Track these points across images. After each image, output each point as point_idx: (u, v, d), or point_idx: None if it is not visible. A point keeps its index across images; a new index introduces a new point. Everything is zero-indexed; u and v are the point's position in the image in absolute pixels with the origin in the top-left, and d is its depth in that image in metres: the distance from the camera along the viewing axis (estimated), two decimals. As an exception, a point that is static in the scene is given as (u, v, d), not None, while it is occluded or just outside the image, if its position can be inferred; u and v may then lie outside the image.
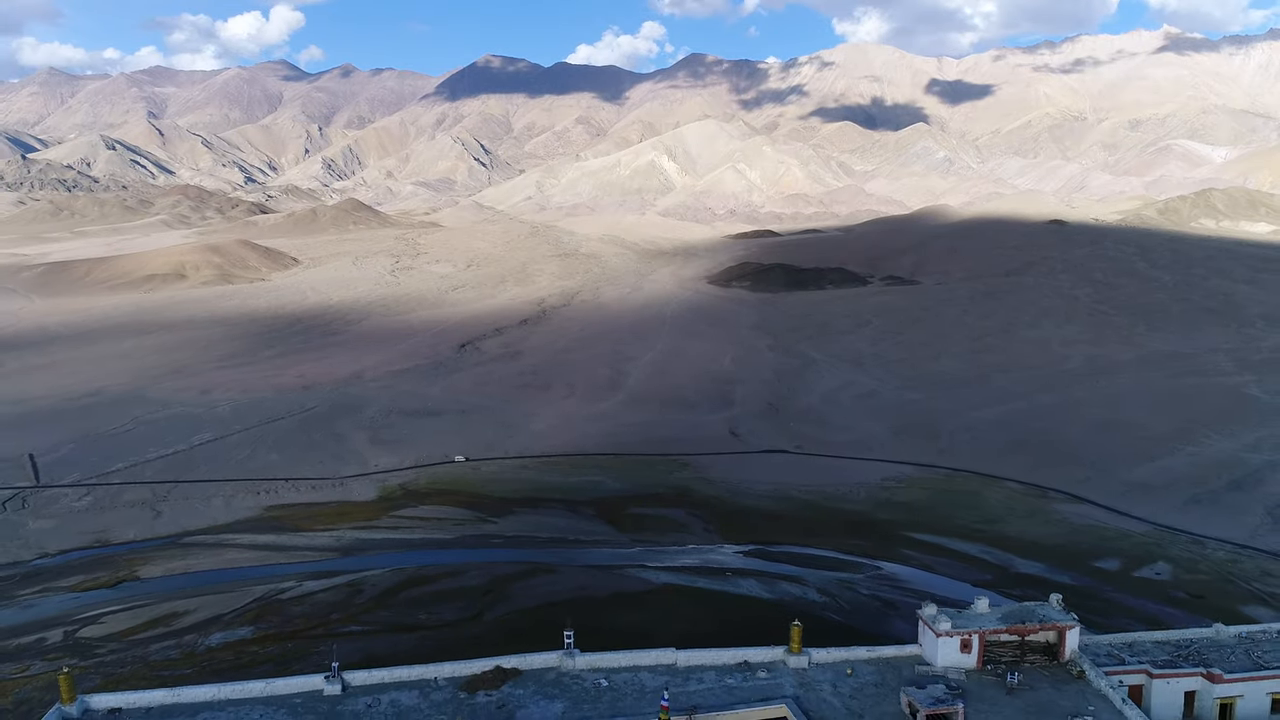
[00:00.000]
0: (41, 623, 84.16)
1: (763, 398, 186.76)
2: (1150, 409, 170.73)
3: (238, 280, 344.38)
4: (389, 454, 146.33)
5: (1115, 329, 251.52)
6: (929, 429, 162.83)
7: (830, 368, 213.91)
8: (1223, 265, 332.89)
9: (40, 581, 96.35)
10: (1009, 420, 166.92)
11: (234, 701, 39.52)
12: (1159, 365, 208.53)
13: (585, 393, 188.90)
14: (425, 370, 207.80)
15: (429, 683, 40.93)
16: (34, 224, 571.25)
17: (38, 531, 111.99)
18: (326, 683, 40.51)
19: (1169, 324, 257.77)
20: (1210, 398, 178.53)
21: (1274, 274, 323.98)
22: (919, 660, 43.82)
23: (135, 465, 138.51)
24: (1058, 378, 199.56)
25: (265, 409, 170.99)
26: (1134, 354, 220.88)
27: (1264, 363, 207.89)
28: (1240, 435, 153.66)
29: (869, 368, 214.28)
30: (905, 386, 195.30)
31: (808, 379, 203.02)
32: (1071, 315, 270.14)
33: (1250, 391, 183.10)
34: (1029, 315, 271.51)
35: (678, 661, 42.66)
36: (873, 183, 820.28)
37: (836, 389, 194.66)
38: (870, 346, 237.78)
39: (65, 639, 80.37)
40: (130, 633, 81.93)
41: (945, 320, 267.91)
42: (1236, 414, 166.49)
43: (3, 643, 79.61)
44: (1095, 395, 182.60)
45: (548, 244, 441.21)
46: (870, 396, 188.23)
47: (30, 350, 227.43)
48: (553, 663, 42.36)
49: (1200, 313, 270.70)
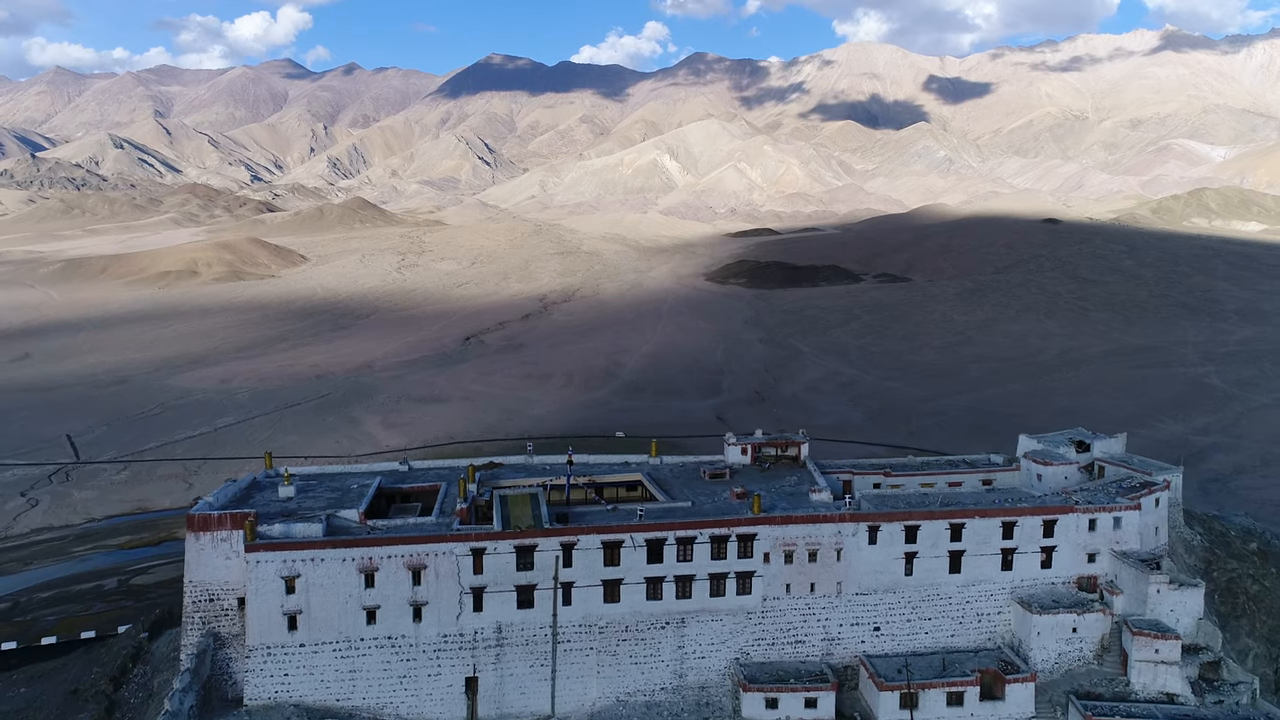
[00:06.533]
0: (98, 573, 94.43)
1: (750, 386, 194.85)
2: (1112, 396, 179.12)
3: (248, 277, 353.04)
4: (399, 436, 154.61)
5: (1092, 324, 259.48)
6: (903, 414, 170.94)
7: (816, 359, 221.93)
8: (1207, 263, 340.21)
9: (91, 541, 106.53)
10: (979, 407, 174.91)
11: (353, 474, 67.79)
12: (1127, 357, 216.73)
13: (583, 382, 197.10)
14: (432, 361, 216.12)
15: (459, 468, 68.21)
16: (46, 222, 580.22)
17: (83, 500, 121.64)
18: (401, 464, 70.03)
19: (1145, 319, 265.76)
20: (1170, 386, 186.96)
21: (1255, 271, 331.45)
22: (721, 460, 72.54)
23: (165, 445, 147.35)
24: (1031, 369, 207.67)
25: (282, 395, 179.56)
26: (1106, 347, 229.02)
27: (1228, 355, 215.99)
28: (1192, 420, 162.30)
29: (853, 359, 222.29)
30: (885, 376, 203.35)
31: (793, 370, 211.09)
32: (1052, 311, 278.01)
33: (1210, 381, 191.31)
34: (1012, 311, 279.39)
35: (590, 460, 71.73)
36: (873, 181, 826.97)
37: (820, 379, 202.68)
38: (856, 340, 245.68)
39: (120, 585, 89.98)
40: (174, 582, 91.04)
41: (931, 315, 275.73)
42: (1192, 401, 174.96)
43: (66, 588, 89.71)
44: (1063, 385, 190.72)
45: (550, 242, 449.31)
46: (851, 385, 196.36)
47: (55, 341, 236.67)
48: (521, 461, 71.30)
49: (1176, 308, 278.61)
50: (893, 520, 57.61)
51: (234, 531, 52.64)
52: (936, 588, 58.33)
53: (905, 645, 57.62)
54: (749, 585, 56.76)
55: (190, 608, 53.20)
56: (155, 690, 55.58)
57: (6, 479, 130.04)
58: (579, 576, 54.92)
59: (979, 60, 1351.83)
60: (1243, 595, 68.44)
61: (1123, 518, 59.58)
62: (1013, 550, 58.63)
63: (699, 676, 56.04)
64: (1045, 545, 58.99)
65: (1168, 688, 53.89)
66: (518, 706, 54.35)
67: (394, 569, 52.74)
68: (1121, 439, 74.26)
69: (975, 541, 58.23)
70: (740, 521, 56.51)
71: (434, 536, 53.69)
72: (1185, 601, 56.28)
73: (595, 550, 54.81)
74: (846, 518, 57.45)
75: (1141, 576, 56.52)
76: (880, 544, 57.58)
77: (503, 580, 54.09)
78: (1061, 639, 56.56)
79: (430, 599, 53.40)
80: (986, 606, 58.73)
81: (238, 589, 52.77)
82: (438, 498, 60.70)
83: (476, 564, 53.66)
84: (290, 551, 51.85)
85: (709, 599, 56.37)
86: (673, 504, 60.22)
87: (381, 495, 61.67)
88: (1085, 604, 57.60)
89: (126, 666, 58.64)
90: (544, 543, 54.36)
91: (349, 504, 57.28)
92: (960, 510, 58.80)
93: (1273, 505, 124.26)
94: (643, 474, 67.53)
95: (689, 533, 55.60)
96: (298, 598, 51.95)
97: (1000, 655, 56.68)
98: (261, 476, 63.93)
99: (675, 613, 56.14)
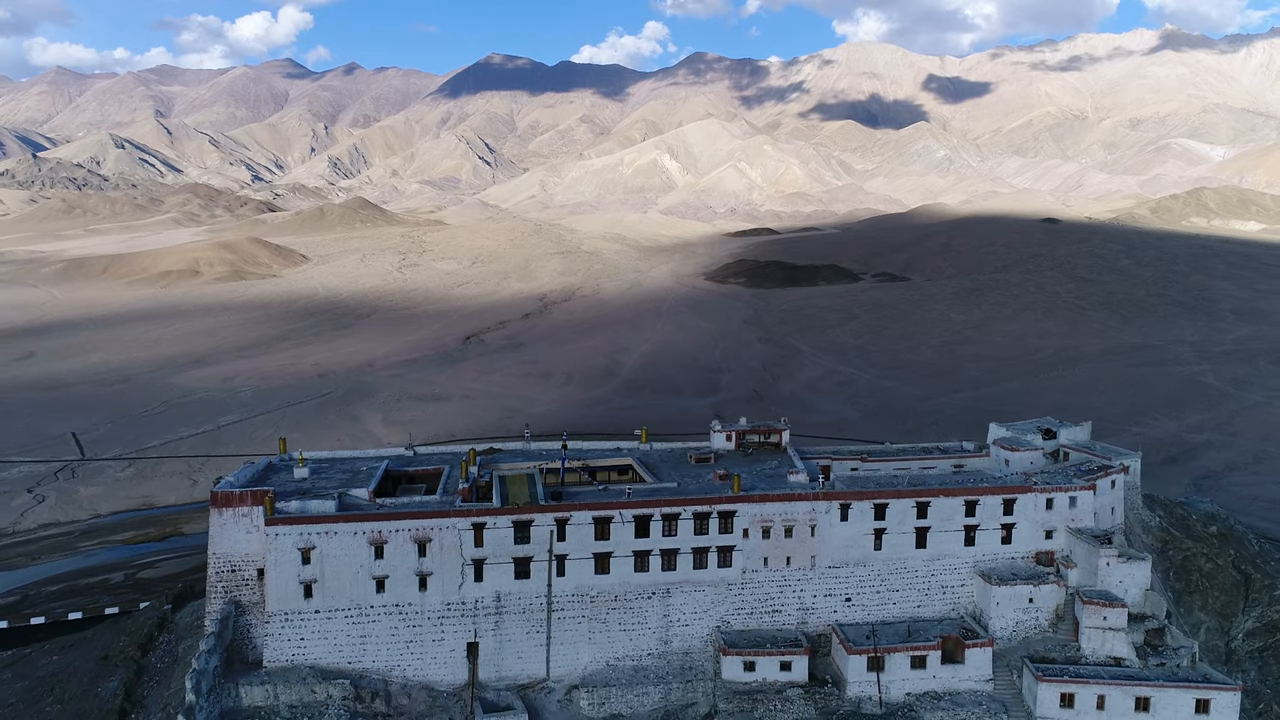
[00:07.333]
0: (105, 567, 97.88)
1: (748, 385, 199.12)
2: (1108, 394, 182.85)
3: (250, 276, 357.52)
4: (400, 434, 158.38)
5: (1089, 323, 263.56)
6: (899, 413, 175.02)
7: (814, 358, 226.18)
8: (1205, 262, 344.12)
9: (97, 536, 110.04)
10: (975, 405, 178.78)
11: (361, 458, 71.53)
12: (1124, 355, 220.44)
13: (582, 380, 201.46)
14: (432, 360, 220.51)
15: (461, 453, 72.35)
16: (47, 221, 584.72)
17: (89, 496, 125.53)
18: (406, 449, 73.29)
19: (1142, 318, 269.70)
20: (1166, 384, 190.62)
21: (1253, 271, 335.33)
22: (707, 446, 76.61)
23: (169, 442, 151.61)
24: (1027, 367, 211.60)
25: (284, 394, 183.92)
26: (1102, 345, 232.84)
27: (1225, 354, 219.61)
28: (1186, 418, 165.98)
29: (851, 358, 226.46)
30: (883, 375, 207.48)
31: (791, 368, 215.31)
32: (1050, 310, 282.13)
33: (1205, 379, 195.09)
34: (1009, 310, 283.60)
35: (584, 446, 75.86)
36: (872, 181, 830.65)
37: (818, 377, 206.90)
38: (854, 339, 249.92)
39: (126, 579, 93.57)
40: (181, 575, 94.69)
41: (929, 315, 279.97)
42: (1187, 399, 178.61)
43: (73, 582, 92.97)
44: (1059, 383, 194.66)
45: (550, 241, 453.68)
46: (849, 384, 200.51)
47: (58, 340, 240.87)
48: (518, 447, 75.15)
49: (1174, 307, 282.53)
50: (863, 499, 62.17)
51: (254, 508, 57.30)
52: (904, 561, 62.83)
53: (875, 615, 62.13)
54: (729, 559, 61.32)
55: (214, 578, 57.79)
56: (180, 656, 60.05)
57: (13, 476, 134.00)
58: (572, 550, 59.53)
59: (979, 60, 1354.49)
60: (1196, 573, 72.80)
61: (1078, 497, 64.03)
62: (975, 527, 63.15)
63: (683, 643, 60.65)
64: (1005, 522, 63.51)
65: (1115, 652, 58.34)
66: (515, 670, 59.02)
67: (401, 542, 57.34)
68: (1086, 427, 78.62)
69: (940, 519, 62.76)
70: (721, 500, 61.10)
71: (438, 512, 58.35)
72: (1133, 574, 60.73)
73: (587, 525, 59.39)
74: (820, 496, 61.96)
75: (1093, 550, 60.97)
76: (851, 521, 62.12)
77: (501, 553, 58.72)
78: (1019, 608, 61.06)
79: (435, 570, 58.01)
80: (950, 579, 63.24)
81: (257, 560, 57.40)
82: (441, 479, 65.35)
83: (477, 538, 58.27)
84: (306, 525, 56.47)
85: (692, 571, 61.03)
86: (659, 485, 64.75)
87: (389, 477, 66.29)
88: (1041, 576, 62.06)
89: (153, 635, 63.14)
90: (539, 518, 59.02)
91: (359, 484, 61.92)
92: (926, 490, 63.33)
93: (1264, 501, 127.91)
94: (633, 458, 72.18)
95: (674, 510, 60.20)
96: (313, 568, 56.54)
97: (962, 623, 61.15)
98: (277, 460, 68.44)
99: (661, 584, 60.71)
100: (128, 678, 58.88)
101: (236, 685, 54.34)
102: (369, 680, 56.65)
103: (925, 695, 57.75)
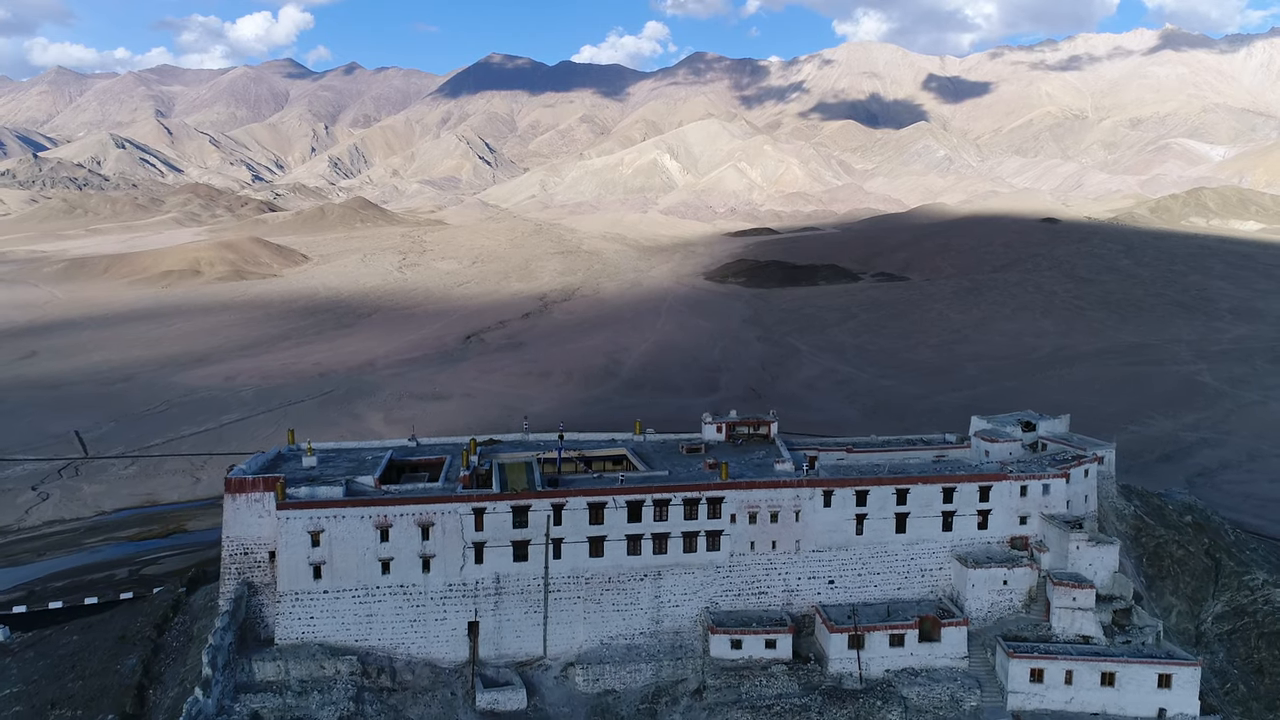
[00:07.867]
0: (109, 563, 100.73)
1: (747, 384, 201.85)
2: (1104, 393, 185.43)
3: (251, 276, 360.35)
4: (401, 432, 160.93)
5: (1087, 322, 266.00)
6: (898, 411, 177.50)
7: (813, 357, 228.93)
8: (1204, 262, 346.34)
9: (101, 533, 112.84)
10: (973, 403, 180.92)
11: (366, 448, 75.74)
12: (1121, 355, 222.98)
13: (582, 379, 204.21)
14: (433, 359, 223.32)
15: (463, 444, 75.15)
16: (48, 221, 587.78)
17: (93, 494, 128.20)
18: (410, 440, 77.12)
19: (1140, 317, 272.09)
20: (1162, 383, 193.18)
21: (1252, 270, 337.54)
22: (699, 437, 79.27)
23: (172, 440, 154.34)
24: (1025, 366, 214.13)
25: (286, 393, 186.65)
26: (1099, 345, 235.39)
27: (1222, 353, 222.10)
28: (1181, 416, 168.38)
29: (850, 357, 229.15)
30: (881, 374, 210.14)
31: (790, 368, 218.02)
32: (1048, 310, 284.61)
33: (1201, 379, 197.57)
34: (1007, 310, 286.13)
35: (580, 437, 79.29)
36: (872, 181, 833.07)
37: (816, 376, 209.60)
38: (853, 338, 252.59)
39: (130, 575, 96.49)
40: (184, 571, 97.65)
41: (928, 314, 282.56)
42: (1183, 398, 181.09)
43: (78, 578, 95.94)
44: (1056, 382, 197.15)
45: (551, 241, 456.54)
46: (847, 383, 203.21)
47: (60, 340, 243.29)
48: (517, 438, 79.48)
49: (1171, 307, 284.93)
50: (845, 486, 65.28)
51: (266, 493, 60.43)
52: (884, 546, 65.96)
53: (856, 596, 65.26)
54: (718, 543, 64.43)
55: (228, 560, 60.91)
56: (195, 635, 63.15)
57: (17, 473, 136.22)
58: (568, 534, 62.71)
59: (979, 60, 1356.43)
60: (1168, 559, 75.83)
61: (1051, 485, 67.12)
62: (952, 513, 66.27)
63: (673, 623, 63.80)
64: (981, 509, 66.64)
65: (1084, 631, 61.40)
66: (514, 648, 62.19)
67: (406, 526, 60.48)
68: (1064, 419, 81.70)
69: (919, 505, 65.87)
70: (710, 486, 64.26)
71: (441, 497, 61.52)
72: (1101, 557, 63.78)
73: (582, 511, 62.56)
74: (804, 483, 65.06)
75: (1064, 535, 64.02)
76: (834, 507, 65.19)
77: (501, 536, 61.88)
78: (994, 590, 64.17)
79: (437, 552, 61.21)
80: (929, 563, 66.35)
81: (269, 543, 60.56)
82: (443, 468, 68.49)
83: (478, 522, 61.40)
84: (315, 510, 59.61)
85: (682, 554, 64.20)
86: (651, 473, 67.84)
87: (393, 466, 69.46)
88: (1015, 560, 65.15)
89: (168, 616, 66.27)
90: (537, 504, 62.21)
91: (365, 472, 65.14)
92: (905, 477, 66.45)
93: (1257, 499, 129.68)
94: (627, 449, 75.35)
95: (664, 496, 63.37)
96: (322, 550, 59.67)
97: (939, 604, 64.22)
98: (286, 450, 71.52)
99: (652, 566, 63.86)
100: (145, 655, 61.96)
101: (250, 661, 57.44)
102: (375, 657, 59.76)
103: (903, 671, 60.87)
